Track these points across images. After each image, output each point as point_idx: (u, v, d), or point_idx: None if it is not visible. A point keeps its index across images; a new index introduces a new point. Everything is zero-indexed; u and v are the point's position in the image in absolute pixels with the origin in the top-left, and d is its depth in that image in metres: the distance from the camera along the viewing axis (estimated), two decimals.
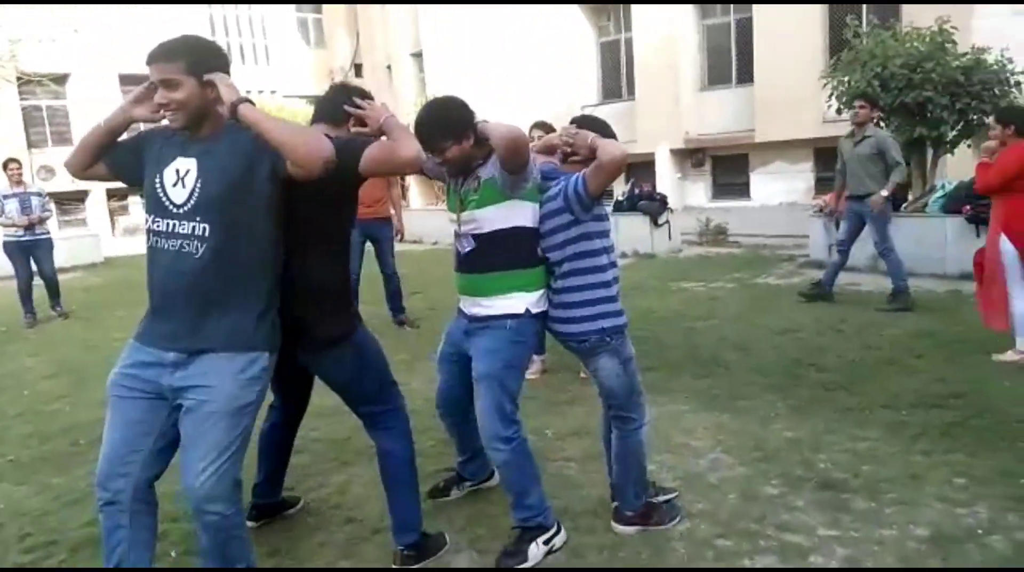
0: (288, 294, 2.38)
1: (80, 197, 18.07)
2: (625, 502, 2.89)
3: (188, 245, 2.18)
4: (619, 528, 2.89)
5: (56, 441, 4.24)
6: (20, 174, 8.05)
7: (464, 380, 2.84)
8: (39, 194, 8.14)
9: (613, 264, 2.77)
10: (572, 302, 2.71)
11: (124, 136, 2.39)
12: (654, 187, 11.56)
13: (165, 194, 2.22)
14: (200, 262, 2.17)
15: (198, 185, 2.19)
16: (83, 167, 2.37)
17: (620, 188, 11.55)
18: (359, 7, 23.46)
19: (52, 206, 8.62)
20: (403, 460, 2.74)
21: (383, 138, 2.45)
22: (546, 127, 4.55)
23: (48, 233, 8.27)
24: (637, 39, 13.97)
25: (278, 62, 24.50)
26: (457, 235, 2.75)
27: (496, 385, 2.66)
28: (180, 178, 2.21)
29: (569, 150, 2.77)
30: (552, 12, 15.04)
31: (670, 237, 10.28)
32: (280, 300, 2.34)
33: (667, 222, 10.15)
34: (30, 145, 17.98)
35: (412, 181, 16.83)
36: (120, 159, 2.36)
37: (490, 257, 2.67)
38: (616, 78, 15.16)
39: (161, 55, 2.16)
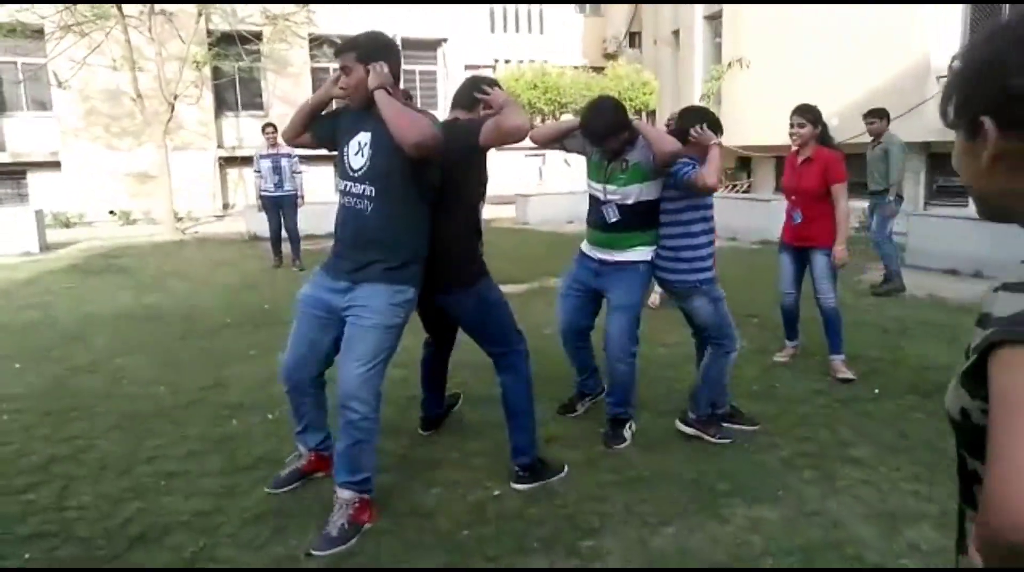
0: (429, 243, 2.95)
1: None
2: (696, 405, 3.64)
3: (360, 203, 2.79)
4: (680, 426, 3.68)
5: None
6: (275, 137, 8.91)
7: (586, 311, 3.76)
8: (289, 155, 8.98)
9: (710, 231, 3.54)
10: (680, 257, 3.49)
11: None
12: None
13: (348, 161, 2.83)
14: (367, 217, 2.78)
15: (369, 155, 2.78)
16: (294, 136, 3.03)
17: None
18: None
19: (301, 167, 9.35)
20: (520, 395, 3.20)
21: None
22: (812, 112, 4.61)
23: (295, 190, 9.17)
24: None
25: (552, 31, 23.36)
26: (599, 201, 3.55)
27: (631, 312, 3.52)
28: (360, 148, 2.80)
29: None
30: None
31: None
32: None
33: None
34: None
35: None
36: (320, 130, 3.01)
37: (630, 221, 3.48)
38: None
39: (340, 48, 2.77)
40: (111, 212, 15.50)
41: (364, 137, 2.78)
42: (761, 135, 14.59)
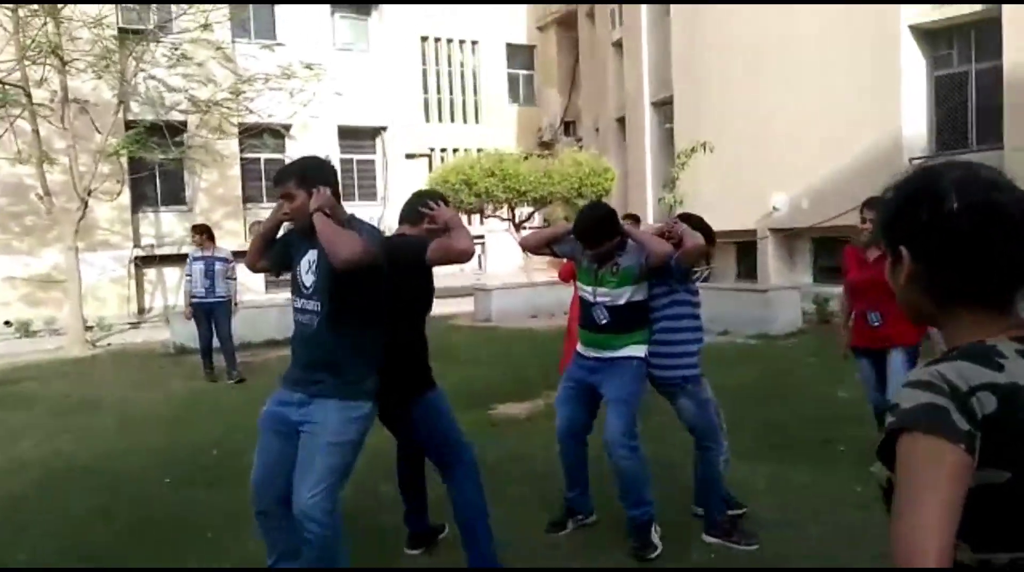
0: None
1: None
2: (712, 516, 3.61)
3: (311, 319, 2.85)
4: (707, 537, 3.59)
5: None
6: (203, 239, 8.33)
7: (584, 409, 3.74)
8: (225, 260, 8.34)
9: (696, 329, 3.68)
10: (661, 353, 3.58)
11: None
12: None
13: (301, 278, 2.92)
14: (316, 333, 2.83)
15: (316, 272, 2.85)
16: (254, 262, 3.12)
17: None
18: (584, 59, 21.44)
19: (236, 271, 8.42)
20: (474, 507, 3.24)
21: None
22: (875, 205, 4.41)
23: (226, 297, 8.35)
24: (1010, 71, 10.32)
25: (487, 120, 23.06)
26: (590, 303, 3.66)
27: (625, 406, 3.51)
28: (310, 266, 2.89)
29: (668, 236, 3.63)
30: (862, 39, 11.70)
31: None
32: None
33: None
34: (246, 199, 16.90)
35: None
36: (276, 255, 3.08)
37: (620, 321, 3.58)
38: (960, 123, 11.48)
39: (280, 177, 2.92)
40: (7, 323, 13.51)
41: (312, 254, 2.87)
42: (721, 220, 14.02)
